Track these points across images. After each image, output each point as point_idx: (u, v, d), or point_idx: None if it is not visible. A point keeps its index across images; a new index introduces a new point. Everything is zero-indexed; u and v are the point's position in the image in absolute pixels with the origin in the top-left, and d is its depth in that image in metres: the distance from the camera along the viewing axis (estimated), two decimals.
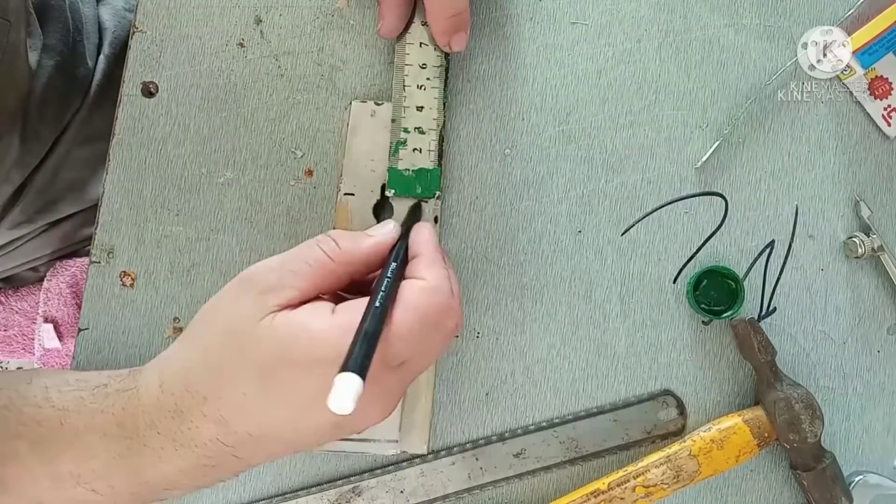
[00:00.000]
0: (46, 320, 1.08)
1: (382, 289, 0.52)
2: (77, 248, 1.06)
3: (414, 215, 0.66)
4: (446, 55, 0.67)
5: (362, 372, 0.46)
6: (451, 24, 0.65)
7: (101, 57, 0.93)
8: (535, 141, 0.71)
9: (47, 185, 0.91)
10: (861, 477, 0.68)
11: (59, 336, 1.08)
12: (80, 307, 0.71)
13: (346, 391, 0.45)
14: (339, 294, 0.59)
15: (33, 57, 0.84)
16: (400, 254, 0.57)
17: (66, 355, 1.10)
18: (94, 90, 0.91)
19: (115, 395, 0.56)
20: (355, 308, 0.52)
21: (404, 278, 0.55)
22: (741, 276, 0.67)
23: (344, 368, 0.46)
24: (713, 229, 0.67)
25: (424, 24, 0.67)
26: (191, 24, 0.71)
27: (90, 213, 0.97)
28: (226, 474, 0.57)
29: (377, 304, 0.51)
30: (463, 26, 0.66)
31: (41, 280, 1.08)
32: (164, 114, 0.71)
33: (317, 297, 0.55)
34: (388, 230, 0.59)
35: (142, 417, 0.54)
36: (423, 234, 0.59)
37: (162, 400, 0.54)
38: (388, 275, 0.54)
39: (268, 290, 0.53)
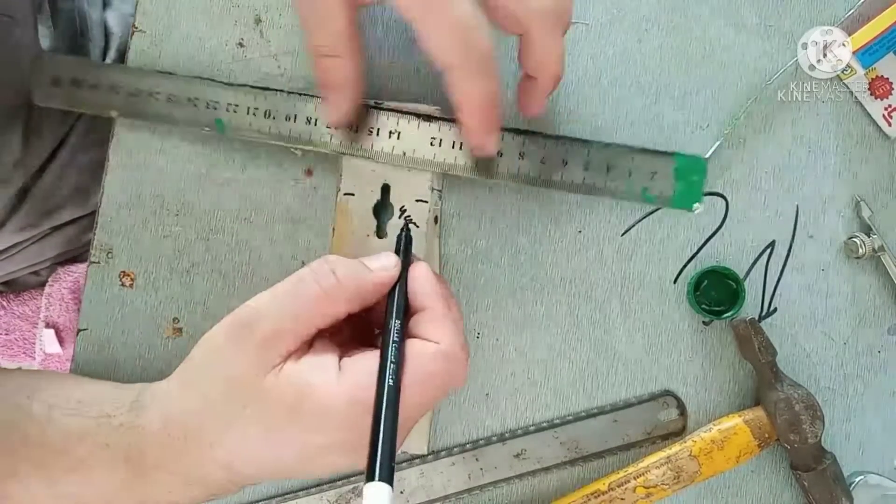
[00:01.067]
0: (48, 325, 1.08)
1: (391, 359, 0.51)
2: (79, 252, 1.06)
3: (406, 249, 0.62)
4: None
5: (390, 478, 0.46)
6: (485, 116, 0.59)
7: (107, 61, 0.93)
8: None
9: (51, 190, 0.92)
10: (862, 477, 0.68)
11: (61, 341, 1.08)
12: None
13: (379, 502, 0.45)
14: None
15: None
16: (401, 307, 0.55)
17: (67, 360, 1.09)
18: None
19: (119, 431, 0.56)
20: (361, 370, 0.51)
21: (410, 334, 0.54)
22: (742, 276, 0.67)
23: (371, 477, 0.46)
24: (714, 229, 0.67)
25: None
26: (190, 24, 0.71)
27: (93, 218, 0.98)
28: (228, 496, 0.58)
29: (390, 380, 0.50)
30: (497, 122, 0.60)
31: (43, 285, 1.08)
32: None
33: (319, 337, 0.55)
34: (389, 265, 0.57)
35: (149, 456, 0.54)
36: (423, 283, 0.57)
37: (167, 443, 0.54)
38: (395, 338, 0.52)
39: (266, 340, 0.52)
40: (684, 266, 0.68)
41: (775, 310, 0.68)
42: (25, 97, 0.74)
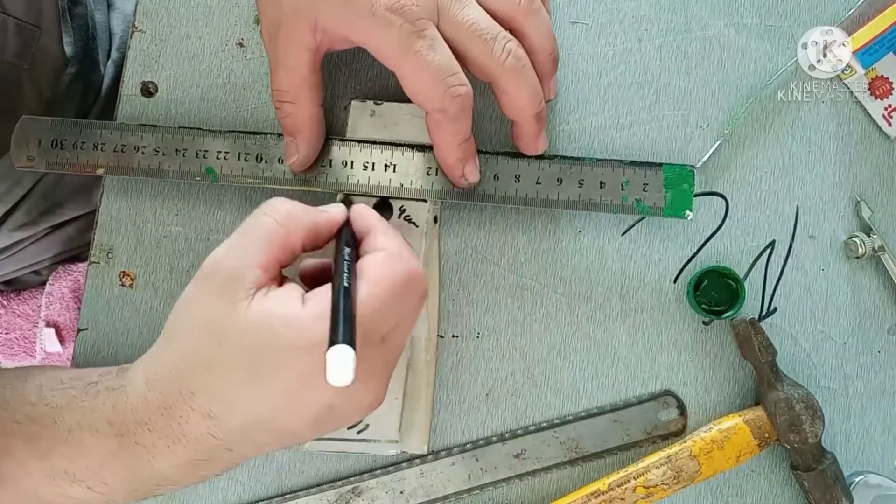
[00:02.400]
0: (48, 324, 1.07)
1: (345, 270, 0.52)
2: (80, 251, 1.06)
3: (349, 204, 0.65)
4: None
5: (351, 342, 0.47)
6: (463, 150, 0.63)
7: (110, 62, 0.94)
8: None
9: (51, 188, 0.92)
10: (862, 477, 0.68)
11: (61, 340, 1.08)
12: None
13: (341, 363, 0.46)
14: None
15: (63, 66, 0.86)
16: (349, 239, 0.57)
17: (68, 359, 1.10)
18: (103, 94, 0.92)
19: (105, 394, 0.56)
20: (324, 295, 0.52)
21: (360, 257, 0.56)
22: (742, 276, 0.67)
23: (333, 343, 0.46)
24: (714, 229, 0.67)
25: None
26: (190, 24, 0.71)
27: (93, 217, 0.98)
28: (219, 468, 0.57)
29: (345, 284, 0.51)
30: (473, 153, 0.64)
31: (43, 284, 1.08)
32: (163, 114, 0.71)
33: (283, 279, 0.56)
34: (338, 209, 0.59)
35: (131, 415, 0.55)
36: (364, 213, 0.59)
37: (149, 398, 0.54)
38: (346, 257, 0.54)
39: (230, 278, 0.53)
40: (684, 266, 0.68)
41: (775, 310, 0.68)
42: (46, 104, 0.74)
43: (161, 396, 0.54)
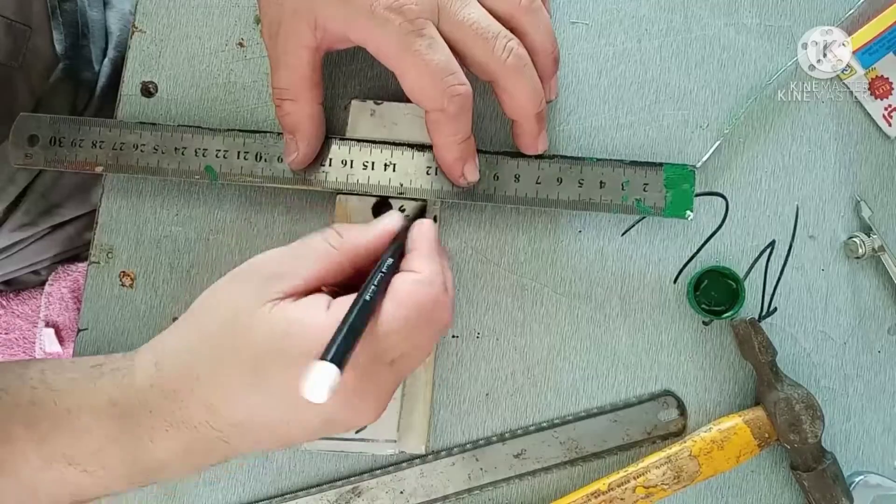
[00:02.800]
0: (47, 324, 1.08)
1: (374, 283, 0.52)
2: (79, 251, 1.06)
3: (419, 214, 0.65)
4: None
5: (340, 362, 0.46)
6: (462, 150, 0.63)
7: (106, 60, 0.94)
8: None
9: (50, 188, 0.92)
10: (861, 477, 0.68)
11: (60, 340, 1.08)
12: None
13: (320, 380, 0.45)
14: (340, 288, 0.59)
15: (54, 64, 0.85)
16: (397, 249, 0.57)
17: None
18: (98, 93, 0.91)
19: (109, 375, 0.56)
20: (346, 303, 0.52)
21: (399, 271, 0.55)
22: (742, 276, 0.67)
23: (322, 357, 0.46)
24: (714, 229, 0.67)
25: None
26: (190, 24, 0.71)
27: (93, 217, 0.98)
28: (216, 459, 0.57)
29: (367, 297, 0.51)
30: (473, 152, 0.64)
31: (43, 284, 1.08)
32: (163, 113, 0.71)
33: (318, 290, 0.55)
34: (392, 220, 0.59)
35: (135, 396, 0.55)
36: (422, 229, 0.59)
37: (155, 379, 0.54)
38: (383, 269, 0.54)
39: (271, 276, 0.53)
40: (684, 266, 0.68)
41: (775, 310, 0.68)
42: (37, 102, 0.74)
43: (167, 378, 0.54)
